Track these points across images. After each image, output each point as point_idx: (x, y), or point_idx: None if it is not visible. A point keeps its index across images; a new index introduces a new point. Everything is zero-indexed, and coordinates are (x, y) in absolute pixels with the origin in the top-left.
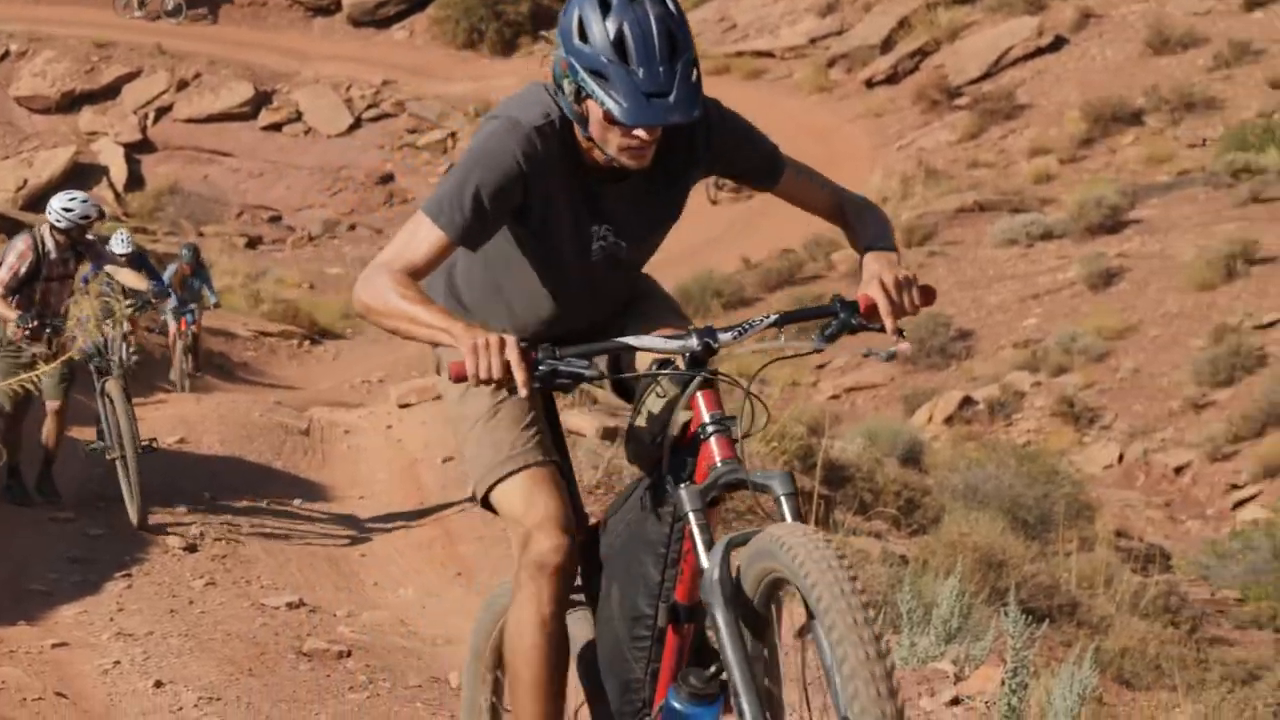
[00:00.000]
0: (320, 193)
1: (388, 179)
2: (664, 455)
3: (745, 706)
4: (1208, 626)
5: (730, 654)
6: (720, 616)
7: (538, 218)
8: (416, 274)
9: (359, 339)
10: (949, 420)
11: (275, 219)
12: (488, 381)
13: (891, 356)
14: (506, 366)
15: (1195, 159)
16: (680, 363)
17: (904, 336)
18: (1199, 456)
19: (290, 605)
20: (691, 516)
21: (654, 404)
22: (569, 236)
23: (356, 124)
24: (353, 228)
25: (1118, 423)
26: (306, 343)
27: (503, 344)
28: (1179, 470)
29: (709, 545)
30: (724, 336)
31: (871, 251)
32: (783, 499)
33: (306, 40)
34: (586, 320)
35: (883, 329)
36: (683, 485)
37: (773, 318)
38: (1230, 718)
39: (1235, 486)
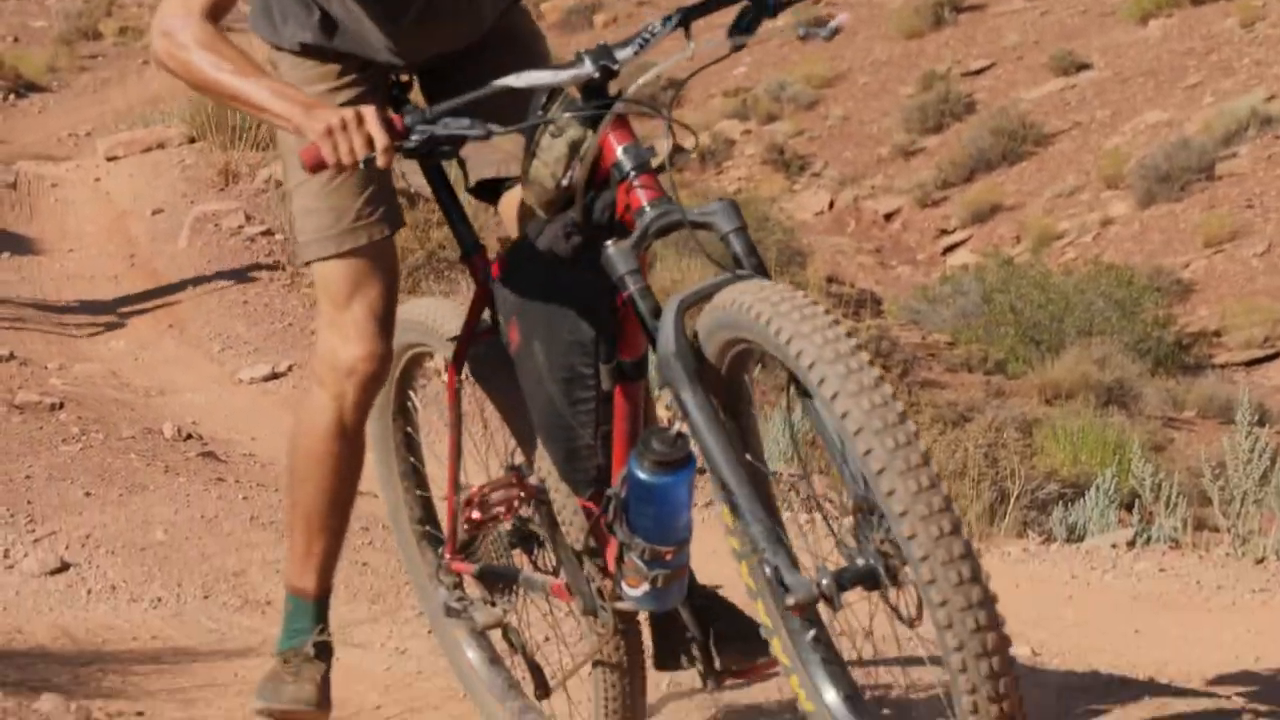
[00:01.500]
0: None
1: None
2: (577, 200)
3: (739, 499)
4: (919, 370)
5: (708, 442)
6: (687, 399)
7: None
8: (218, 9)
9: (65, 92)
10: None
11: None
12: (354, 166)
13: (834, 33)
14: (370, 143)
15: None
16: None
17: None
18: (908, 202)
19: (0, 359)
20: (628, 281)
21: (552, 148)
22: None
23: None
24: None
25: (828, 170)
26: (11, 96)
27: (360, 119)
28: (889, 216)
29: (654, 312)
30: (623, 54)
31: None
32: (731, 236)
33: None
34: (437, 45)
35: None
36: (609, 244)
37: (676, 17)
38: (942, 459)
39: (945, 232)
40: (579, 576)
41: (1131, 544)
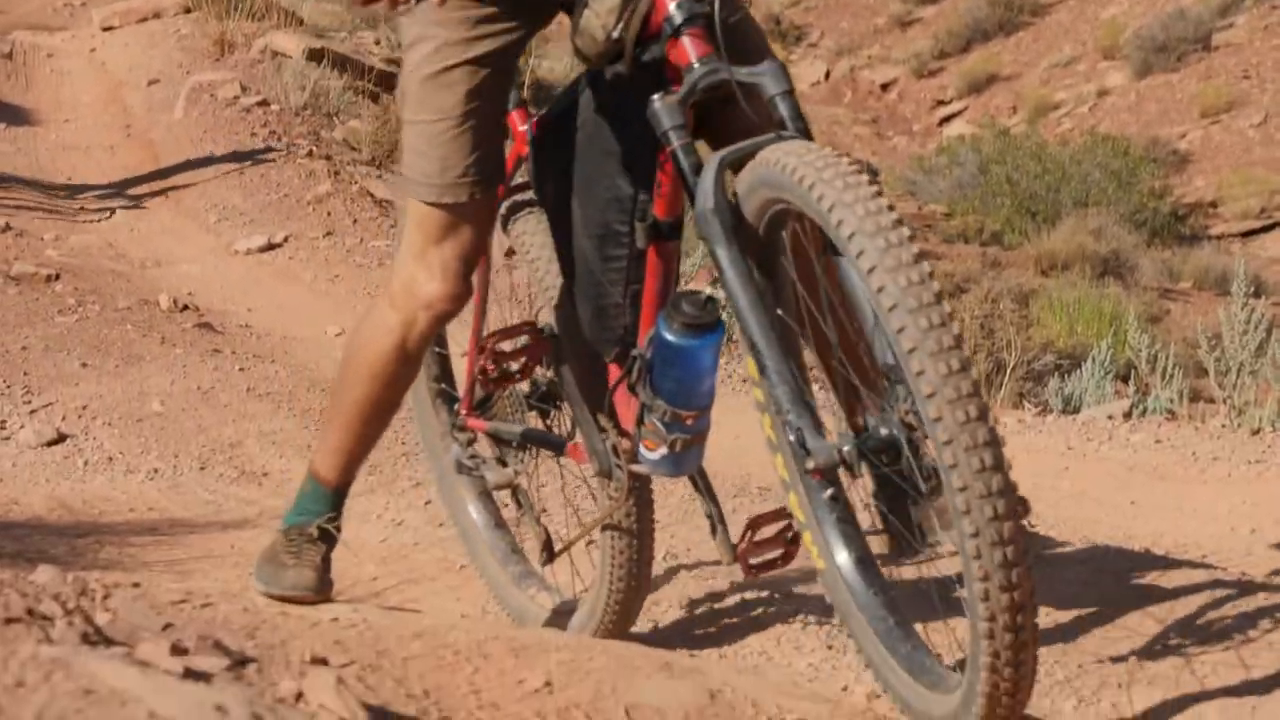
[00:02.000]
0: None
1: None
2: (626, 53)
3: (767, 359)
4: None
5: (739, 299)
6: (722, 255)
7: None
8: None
9: None
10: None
11: None
12: (406, 3)
13: None
14: None
15: None
16: None
17: None
18: (905, 73)
19: None
20: (672, 136)
21: None
22: None
23: None
24: None
25: (824, 40)
26: None
27: None
28: (885, 87)
29: (695, 169)
30: None
31: None
32: (778, 99)
33: None
34: None
35: None
36: (656, 99)
37: None
38: None
39: (941, 102)
40: (595, 437)
41: (1128, 415)
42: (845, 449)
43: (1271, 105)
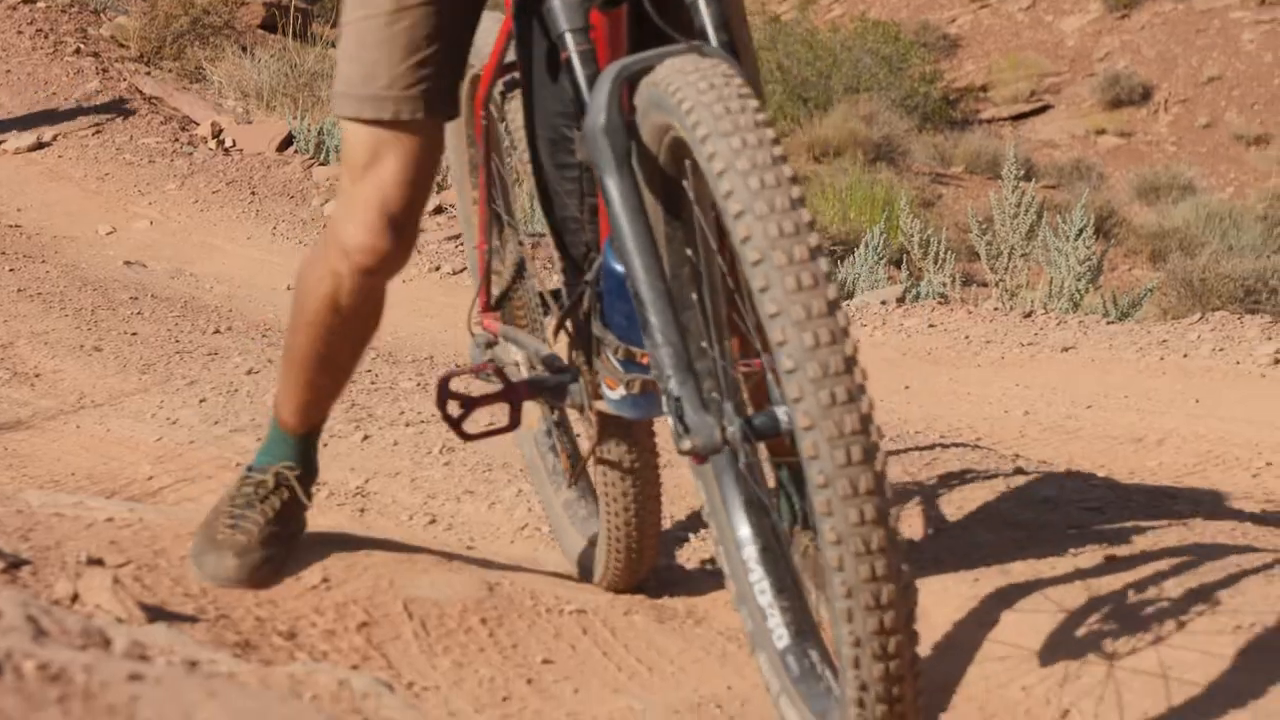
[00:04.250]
0: None
1: None
2: None
3: (650, 313)
4: None
5: (626, 239)
6: (611, 185)
7: None
8: None
9: None
10: None
11: None
12: None
13: None
14: None
15: None
16: None
17: None
18: None
19: None
20: (569, 39)
21: None
22: None
23: None
24: None
25: None
26: None
27: None
28: None
29: (590, 80)
30: None
31: None
32: (701, 3)
33: None
34: None
35: None
36: None
37: None
38: None
39: None
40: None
41: (901, 300)
42: (730, 429)
43: None
